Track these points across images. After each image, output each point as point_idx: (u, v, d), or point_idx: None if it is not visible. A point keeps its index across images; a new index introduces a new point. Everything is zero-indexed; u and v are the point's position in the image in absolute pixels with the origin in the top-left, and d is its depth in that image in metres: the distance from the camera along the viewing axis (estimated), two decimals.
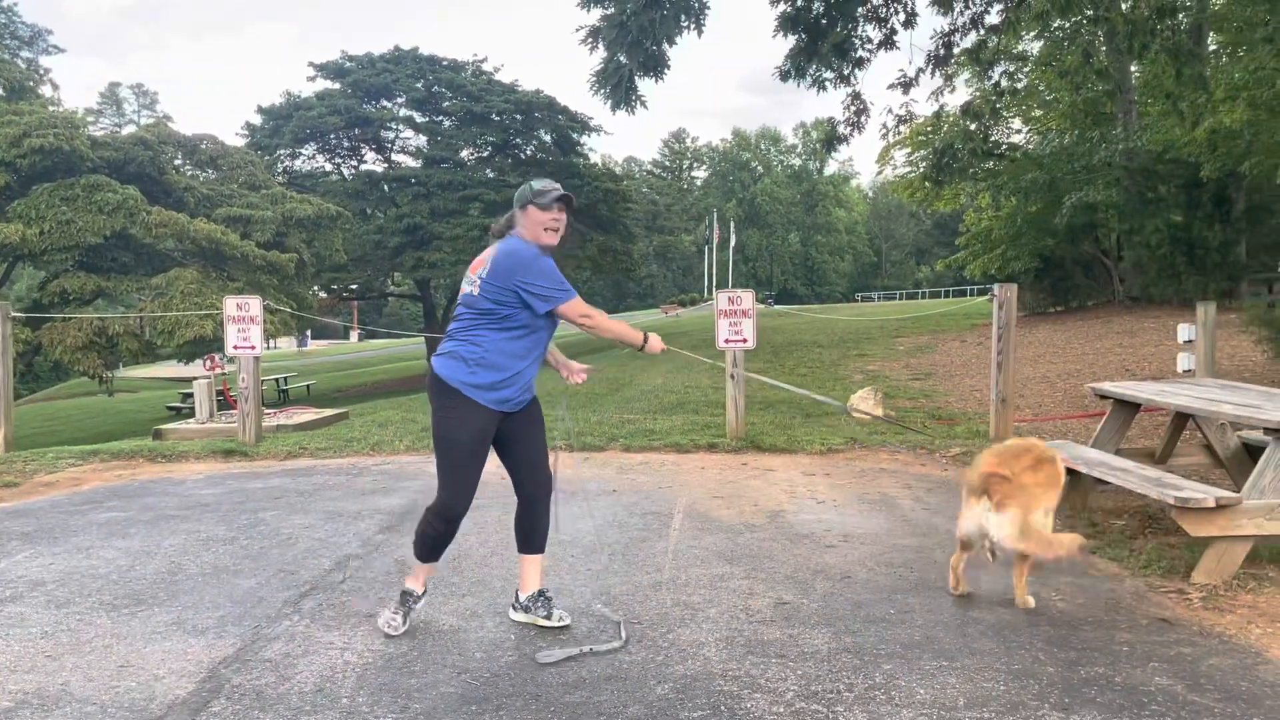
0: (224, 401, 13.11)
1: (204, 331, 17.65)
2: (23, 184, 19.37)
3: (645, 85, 12.76)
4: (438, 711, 3.17)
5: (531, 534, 4.01)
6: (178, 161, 23.94)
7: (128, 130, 31.35)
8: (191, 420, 11.69)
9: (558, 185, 3.80)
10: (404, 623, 3.91)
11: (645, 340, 3.95)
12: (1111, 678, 3.34)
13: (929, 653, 3.59)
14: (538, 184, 3.79)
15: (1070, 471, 5.59)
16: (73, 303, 19.13)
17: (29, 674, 3.53)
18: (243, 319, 9.10)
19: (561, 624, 3.91)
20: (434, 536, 3.87)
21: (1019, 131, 27.77)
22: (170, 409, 24.49)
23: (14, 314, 9.83)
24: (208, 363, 13.60)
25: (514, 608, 4.04)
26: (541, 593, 4.00)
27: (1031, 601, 4.12)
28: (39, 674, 3.53)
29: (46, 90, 23.90)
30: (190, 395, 18.50)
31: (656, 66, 12.76)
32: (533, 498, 3.98)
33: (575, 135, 35.66)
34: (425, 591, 4.03)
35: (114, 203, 18.87)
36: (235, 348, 9.15)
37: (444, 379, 3.75)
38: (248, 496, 6.71)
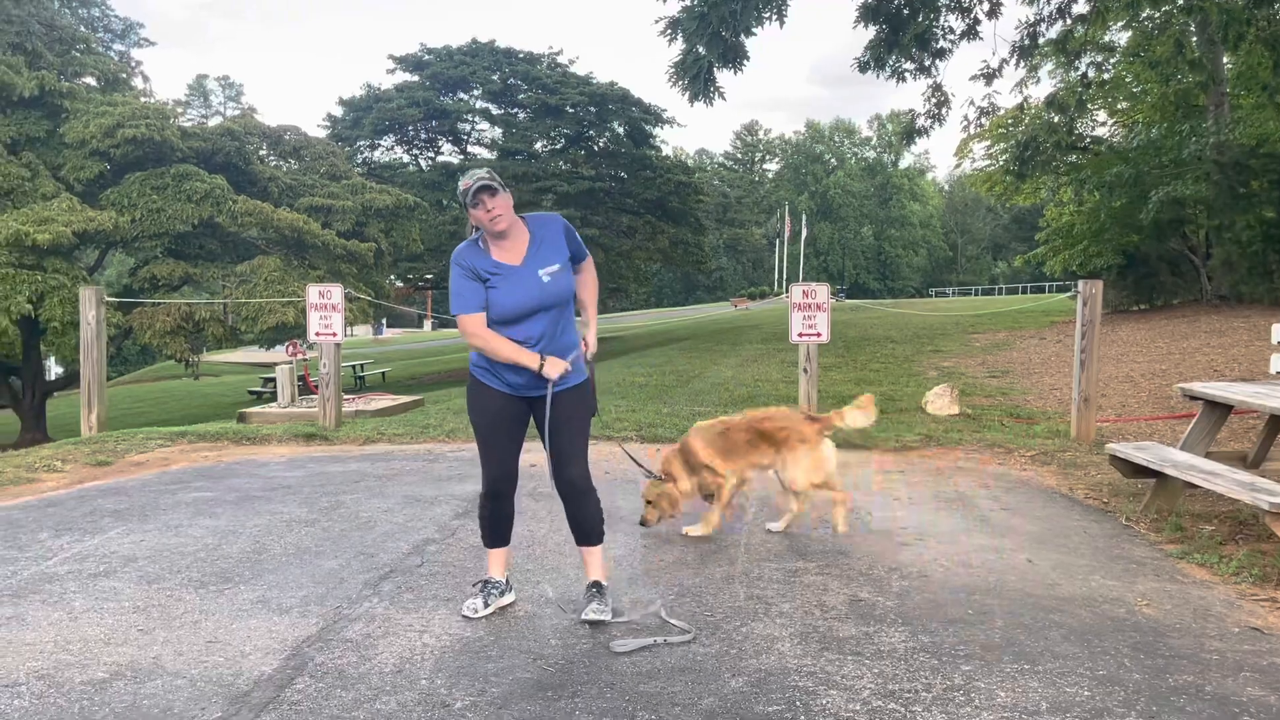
0: (304, 386, 13.42)
1: (286, 318, 18.08)
2: (116, 173, 20.02)
3: (723, 77, 12.66)
4: (514, 696, 3.21)
5: (575, 527, 4.02)
6: (262, 152, 24.54)
7: (214, 121, 32.25)
8: (273, 404, 11.99)
9: (481, 173, 3.71)
10: (484, 607, 3.97)
11: (542, 364, 3.75)
12: (1201, 687, 3.25)
13: (1009, 655, 3.53)
14: (461, 183, 3.76)
15: (1158, 474, 5.45)
16: (162, 288, 19.74)
17: (122, 646, 3.67)
18: (325, 306, 9.30)
19: (588, 618, 3.84)
20: (484, 517, 4.03)
21: (1104, 124, 27.00)
22: (252, 393, 25.17)
23: (107, 298, 10.18)
24: (290, 348, 13.93)
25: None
26: (595, 583, 4.01)
27: None
28: (132, 647, 3.67)
29: (138, 82, 24.60)
30: (271, 380, 18.99)
31: (736, 58, 12.69)
32: (564, 494, 3.94)
33: (648, 127, 35.66)
34: (509, 584, 4.11)
35: (202, 191, 19.41)
36: (317, 335, 9.35)
37: (469, 365, 3.99)
38: (328, 480, 6.87)
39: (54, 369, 26.37)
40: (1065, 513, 5.80)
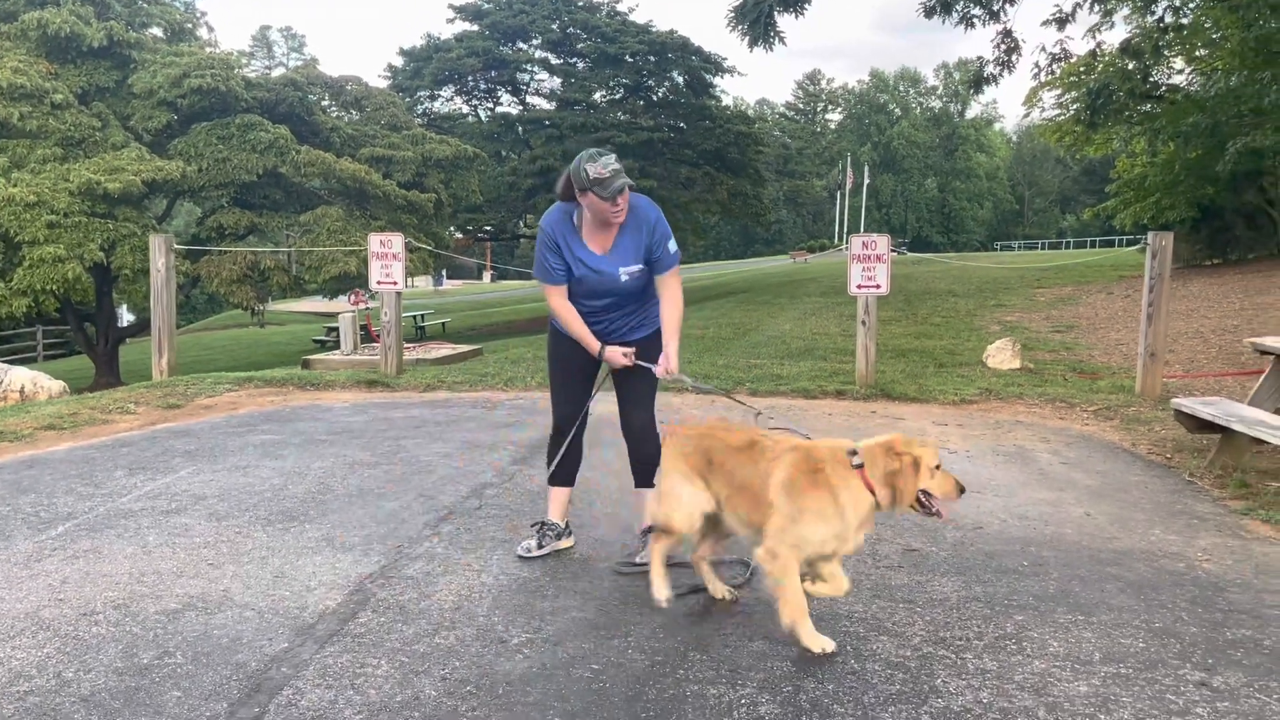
0: (366, 335, 13.65)
1: (348, 268, 18.34)
2: (183, 123, 20.36)
3: (784, 21, 12.32)
4: (569, 634, 3.29)
5: (637, 470, 4.09)
6: (325, 103, 24.71)
7: (278, 72, 32.56)
8: (336, 352, 12.22)
9: (614, 163, 3.59)
10: (538, 548, 4.06)
11: (601, 351, 3.88)
12: (1259, 641, 3.21)
13: (1063, 606, 3.52)
14: (590, 169, 3.58)
15: (1224, 430, 5.33)
16: (228, 237, 20.11)
17: (194, 579, 3.81)
18: (386, 255, 9.41)
19: (643, 562, 3.85)
20: (551, 452, 4.17)
21: (1180, 71, 25.99)
22: (316, 342, 25.63)
23: (175, 246, 10.41)
24: (352, 297, 14.16)
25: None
26: (650, 529, 4.05)
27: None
28: (202, 580, 3.81)
29: (203, 33, 24.75)
30: (334, 329, 19.33)
31: (797, 1, 12.43)
32: (629, 436, 4.05)
33: (708, 76, 35.17)
34: (568, 528, 4.19)
35: (266, 141, 19.67)
36: (379, 283, 9.48)
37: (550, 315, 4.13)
38: (389, 425, 7.01)
39: (125, 316, 27.08)
40: (1126, 468, 5.71)
